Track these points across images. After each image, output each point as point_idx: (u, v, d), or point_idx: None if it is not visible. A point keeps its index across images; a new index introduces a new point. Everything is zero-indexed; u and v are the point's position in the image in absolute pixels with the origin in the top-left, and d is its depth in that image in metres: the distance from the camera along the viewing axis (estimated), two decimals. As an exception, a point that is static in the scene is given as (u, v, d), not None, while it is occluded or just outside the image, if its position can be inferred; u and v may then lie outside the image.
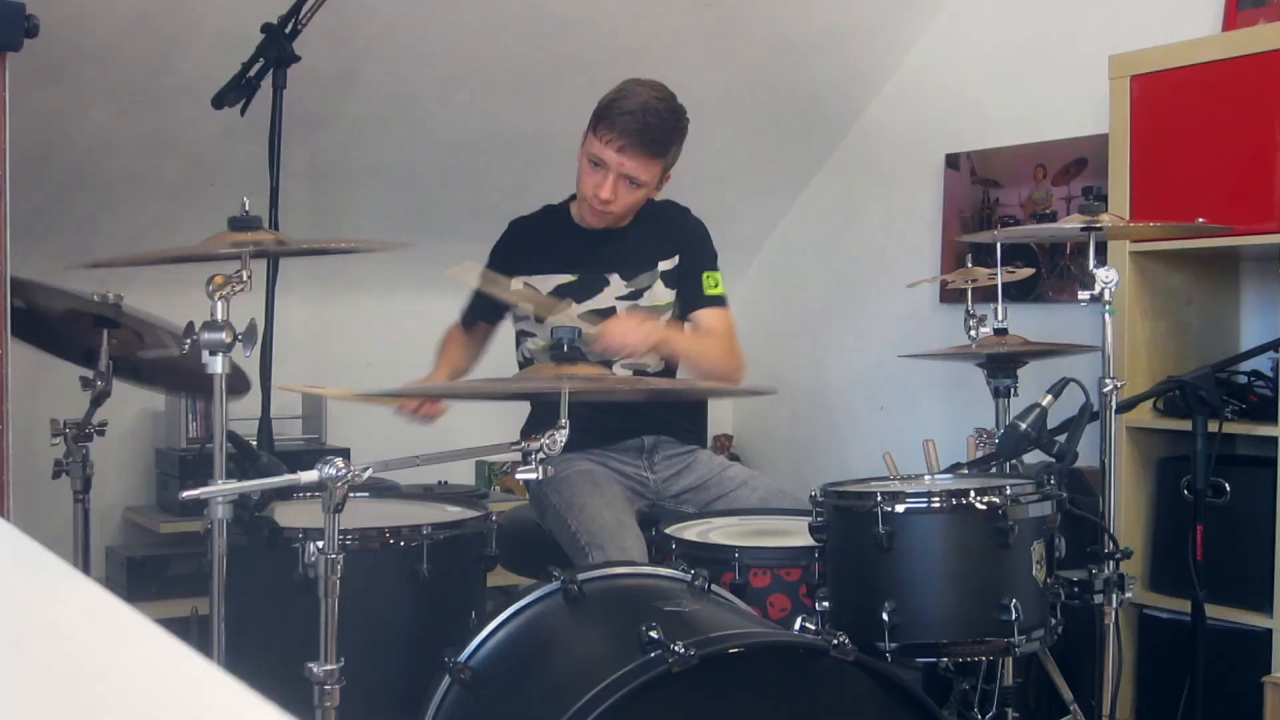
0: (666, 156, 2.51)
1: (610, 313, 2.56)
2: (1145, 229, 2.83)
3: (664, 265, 2.66)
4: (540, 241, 2.66)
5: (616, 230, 2.63)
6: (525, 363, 2.66)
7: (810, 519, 2.06)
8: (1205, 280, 3.15)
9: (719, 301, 2.67)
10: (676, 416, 2.70)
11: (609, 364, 2.43)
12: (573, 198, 2.68)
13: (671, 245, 2.67)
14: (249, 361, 1.95)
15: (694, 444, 2.71)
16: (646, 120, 2.43)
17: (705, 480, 2.60)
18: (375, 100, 3.45)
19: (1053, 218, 3.59)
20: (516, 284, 2.59)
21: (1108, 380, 2.26)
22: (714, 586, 1.89)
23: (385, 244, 1.93)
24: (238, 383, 2.15)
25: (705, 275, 2.66)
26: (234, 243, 1.71)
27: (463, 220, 3.94)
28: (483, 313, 2.73)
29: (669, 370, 2.64)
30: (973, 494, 1.94)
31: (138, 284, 2.87)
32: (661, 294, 2.65)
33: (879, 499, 1.94)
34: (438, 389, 2.63)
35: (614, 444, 2.61)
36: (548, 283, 2.61)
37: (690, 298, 2.66)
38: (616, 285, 2.62)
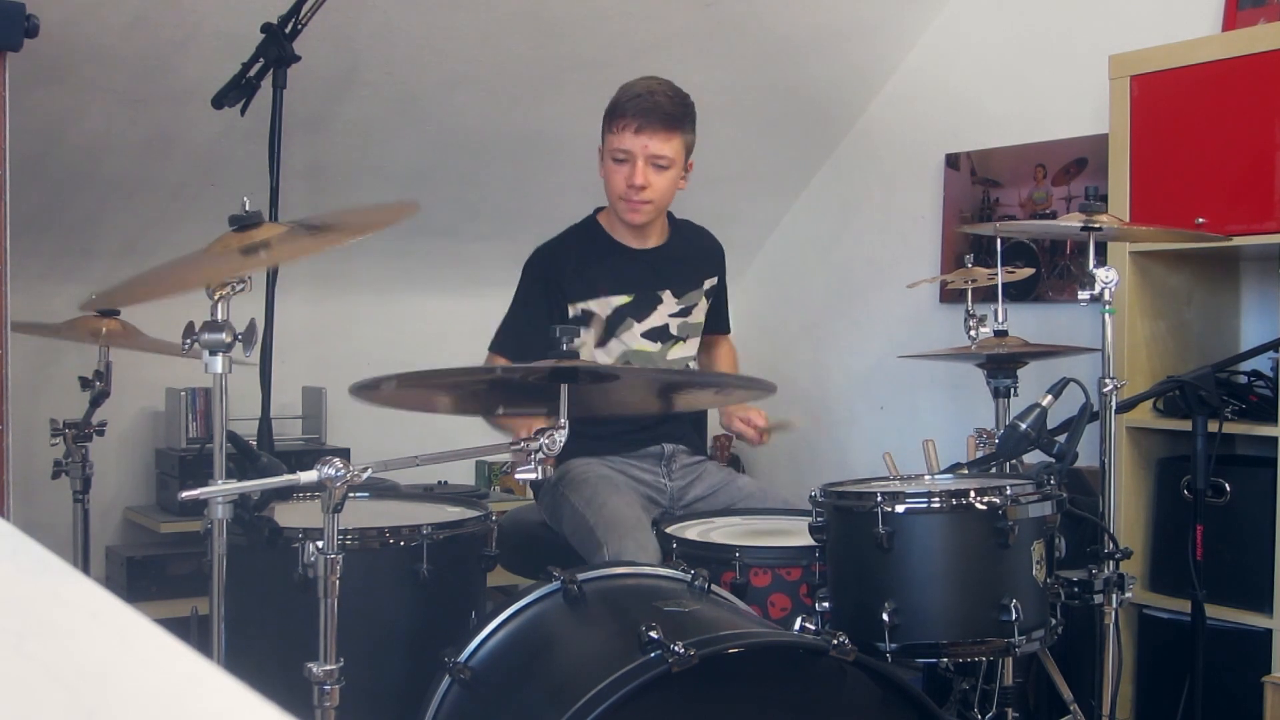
0: (683, 132, 2.55)
1: (664, 330, 2.66)
2: (1144, 232, 2.83)
3: (708, 284, 2.76)
4: (588, 265, 2.65)
5: (665, 249, 2.69)
6: None
7: (810, 519, 2.07)
8: (1205, 280, 3.15)
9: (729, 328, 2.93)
10: (687, 428, 2.78)
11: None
12: (597, 212, 2.70)
13: (712, 266, 2.80)
14: (249, 361, 1.95)
15: (701, 455, 2.77)
16: (655, 99, 2.52)
17: (716, 489, 2.65)
18: (375, 100, 3.45)
19: (1053, 218, 3.59)
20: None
21: (1108, 380, 2.26)
22: (714, 586, 1.89)
23: (395, 208, 1.89)
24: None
25: (727, 297, 2.88)
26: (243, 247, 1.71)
27: (463, 220, 3.95)
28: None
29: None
30: (973, 494, 1.94)
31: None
32: (703, 312, 2.75)
33: (879, 499, 1.94)
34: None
35: (634, 451, 2.66)
36: (606, 305, 2.63)
37: (720, 319, 2.86)
38: (669, 303, 2.68)
